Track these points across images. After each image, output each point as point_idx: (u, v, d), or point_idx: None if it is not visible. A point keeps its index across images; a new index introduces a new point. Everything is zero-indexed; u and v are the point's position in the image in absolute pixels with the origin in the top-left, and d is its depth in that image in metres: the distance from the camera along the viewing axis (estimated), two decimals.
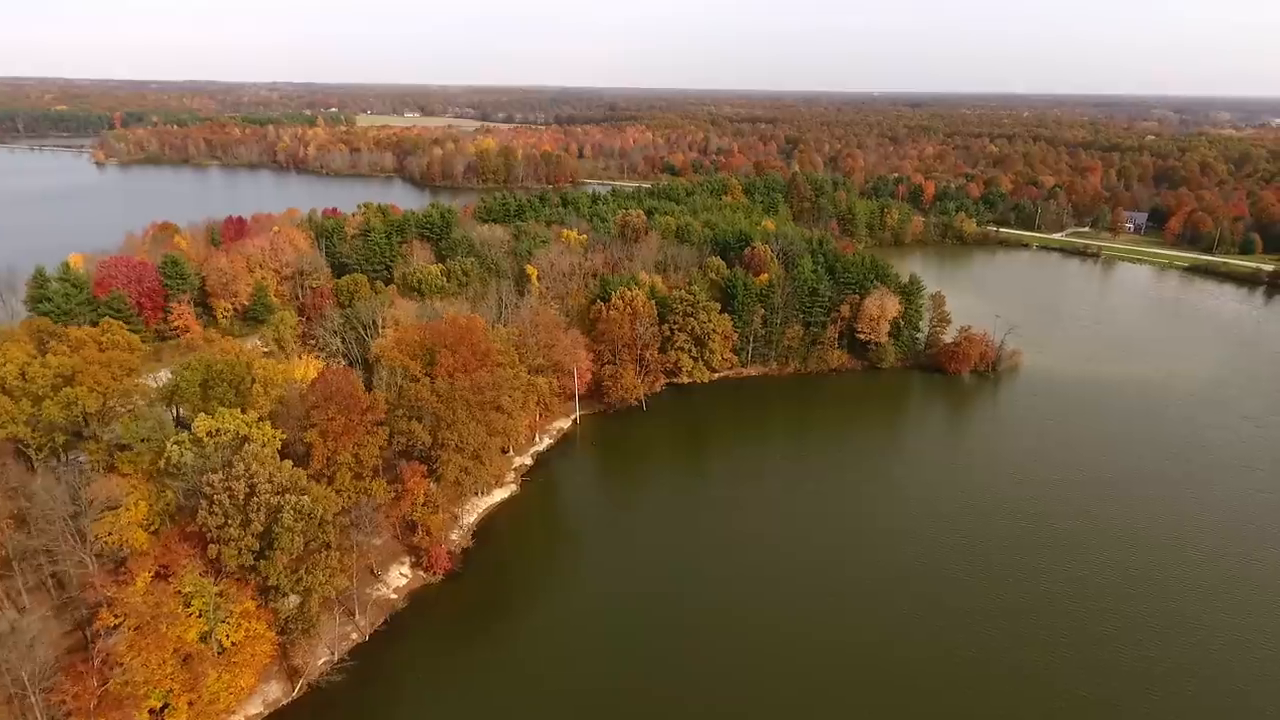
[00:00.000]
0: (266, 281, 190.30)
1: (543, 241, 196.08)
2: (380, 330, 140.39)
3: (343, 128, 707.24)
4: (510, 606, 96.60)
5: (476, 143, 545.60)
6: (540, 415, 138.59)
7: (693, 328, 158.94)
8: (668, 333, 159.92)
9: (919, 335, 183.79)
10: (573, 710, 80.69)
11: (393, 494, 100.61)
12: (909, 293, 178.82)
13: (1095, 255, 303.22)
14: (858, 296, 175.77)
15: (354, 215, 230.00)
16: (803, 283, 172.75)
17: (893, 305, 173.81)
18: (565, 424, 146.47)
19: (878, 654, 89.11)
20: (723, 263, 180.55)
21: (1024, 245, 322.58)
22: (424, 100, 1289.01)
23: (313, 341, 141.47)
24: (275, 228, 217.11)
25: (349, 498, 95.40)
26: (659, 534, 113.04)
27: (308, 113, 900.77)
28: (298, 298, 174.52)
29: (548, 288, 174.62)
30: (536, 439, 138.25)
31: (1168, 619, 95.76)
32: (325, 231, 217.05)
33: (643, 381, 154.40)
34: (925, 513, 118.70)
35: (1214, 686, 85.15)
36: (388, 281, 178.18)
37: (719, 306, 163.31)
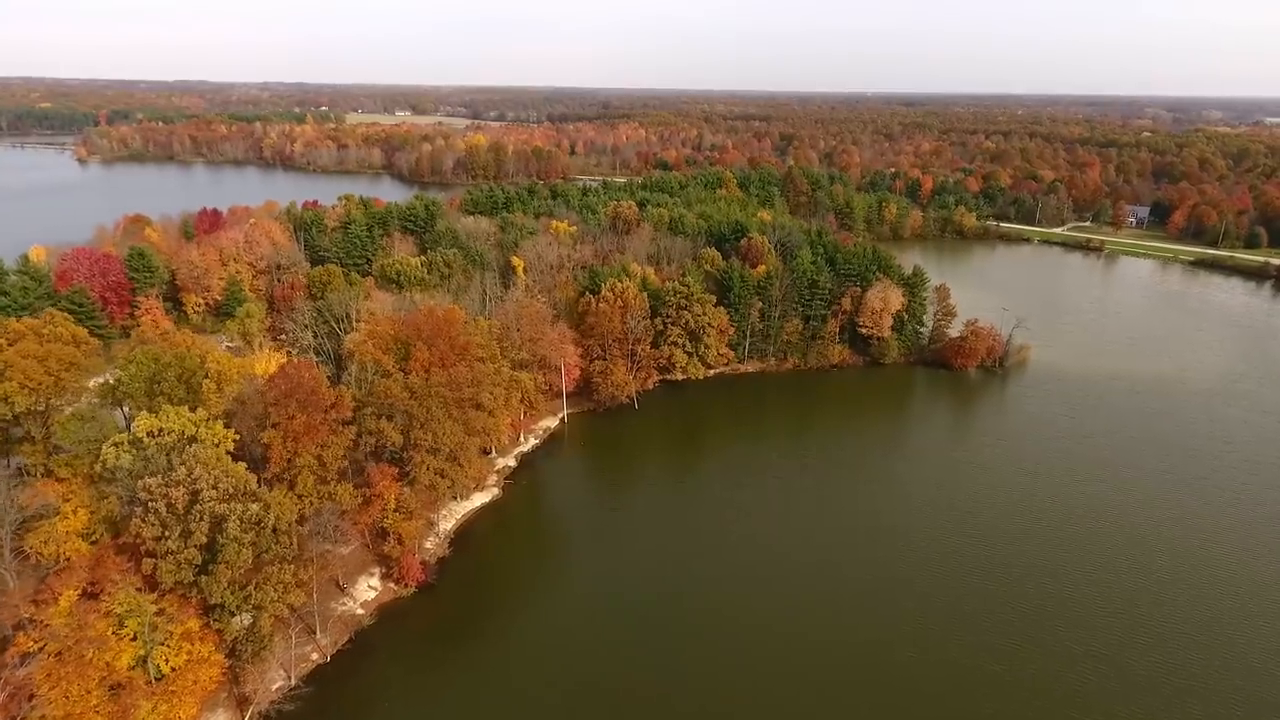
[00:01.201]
0: (240, 275, 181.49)
1: (530, 233, 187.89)
2: (355, 324, 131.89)
3: (331, 125, 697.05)
4: (490, 618, 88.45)
5: (466, 139, 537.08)
6: (525, 414, 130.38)
7: (687, 321, 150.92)
8: (660, 327, 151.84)
9: (923, 329, 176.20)
10: None
11: (360, 499, 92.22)
12: (913, 285, 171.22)
13: (1098, 249, 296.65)
14: (859, 289, 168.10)
15: (334, 208, 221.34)
16: (802, 274, 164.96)
17: (896, 298, 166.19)
18: (552, 423, 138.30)
19: (879, 656, 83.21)
20: (718, 254, 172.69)
21: (1025, 240, 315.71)
22: (415, 100, 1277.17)
23: (283, 336, 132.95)
24: (251, 220, 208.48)
25: (311, 503, 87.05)
26: (651, 537, 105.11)
27: (297, 110, 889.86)
28: (272, 292, 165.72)
29: (534, 280, 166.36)
30: (521, 439, 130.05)
31: (1199, 626, 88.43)
32: (304, 224, 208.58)
33: (634, 378, 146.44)
34: (931, 512, 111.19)
35: (1258, 697, 77.71)
36: (367, 275, 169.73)
37: (714, 299, 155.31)
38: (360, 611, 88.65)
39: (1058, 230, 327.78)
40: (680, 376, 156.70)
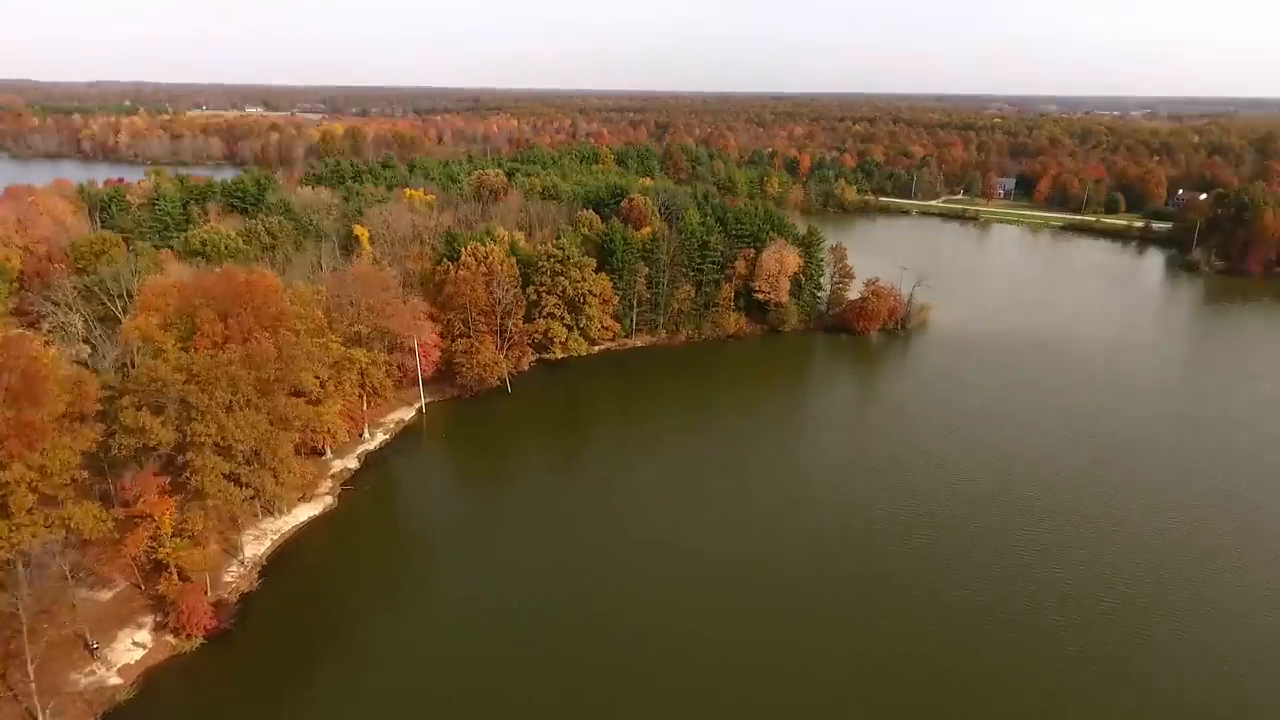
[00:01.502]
0: (10, 261, 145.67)
1: (379, 201, 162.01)
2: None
3: (166, 117, 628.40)
4: (308, 669, 65.15)
5: (321, 126, 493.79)
6: (369, 404, 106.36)
7: (564, 288, 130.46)
8: (534, 297, 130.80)
9: (821, 294, 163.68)
10: None
11: (115, 522, 66.48)
12: (809, 244, 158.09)
13: (974, 218, 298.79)
14: (753, 250, 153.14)
15: (140, 183, 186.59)
16: (690, 235, 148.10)
17: (792, 259, 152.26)
18: (407, 414, 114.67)
19: (795, 651, 67.58)
20: (596, 217, 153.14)
21: (904, 212, 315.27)
22: (268, 97, 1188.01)
23: (44, 322, 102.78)
24: (30, 198, 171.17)
25: (33, 533, 60.93)
26: (531, 541, 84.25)
27: (128, 104, 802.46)
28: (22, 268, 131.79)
29: (383, 252, 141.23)
30: (366, 435, 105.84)
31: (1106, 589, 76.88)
32: (101, 201, 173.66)
33: (506, 357, 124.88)
34: (845, 486, 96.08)
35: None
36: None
37: (595, 264, 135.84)
38: (116, 680, 63.05)
39: (934, 202, 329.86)
40: (560, 354, 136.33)
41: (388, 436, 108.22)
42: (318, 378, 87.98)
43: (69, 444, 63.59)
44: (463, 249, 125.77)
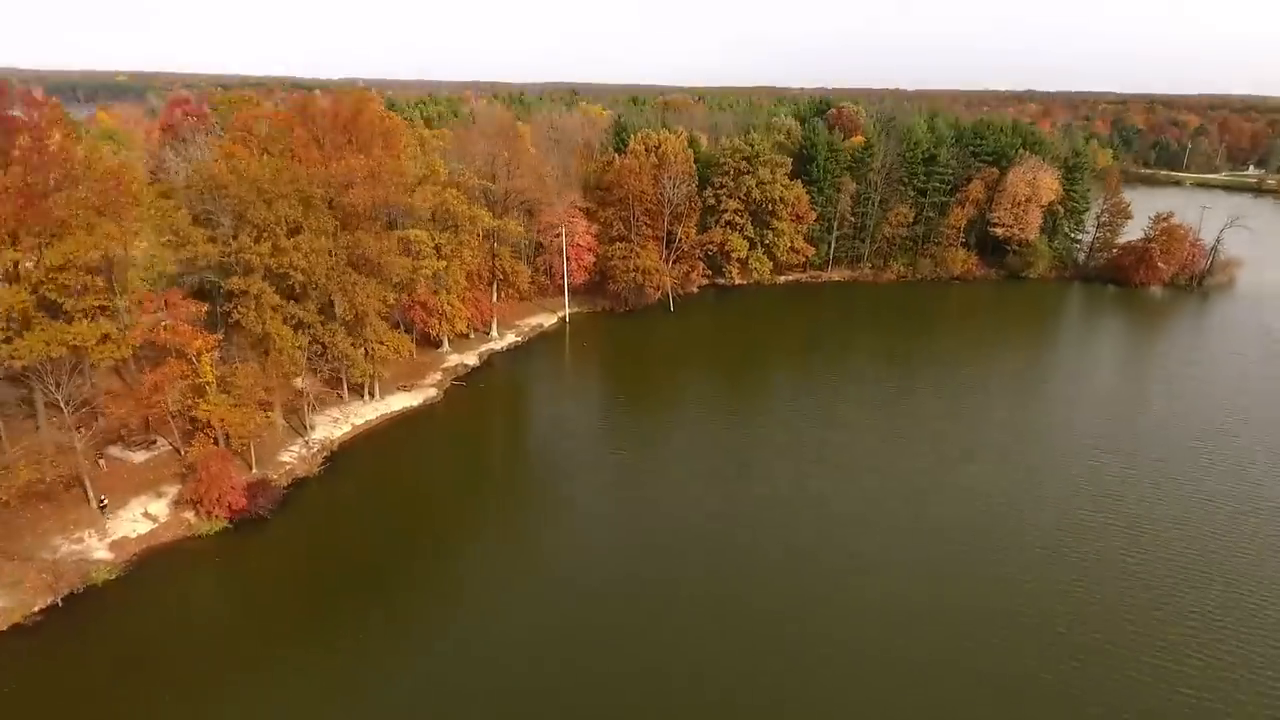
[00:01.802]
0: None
1: (551, 109, 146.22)
2: None
3: (390, 93, 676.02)
4: (334, 599, 45.98)
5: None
6: (499, 295, 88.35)
7: (748, 190, 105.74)
8: (711, 200, 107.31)
9: (1080, 238, 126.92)
10: None
11: (139, 358, 51.25)
12: (1073, 168, 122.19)
13: (1276, 190, 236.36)
14: (996, 171, 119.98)
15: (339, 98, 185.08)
16: (913, 146, 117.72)
17: (1050, 184, 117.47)
18: (547, 320, 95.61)
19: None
20: (796, 124, 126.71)
21: (1175, 183, 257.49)
22: (497, 90, 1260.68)
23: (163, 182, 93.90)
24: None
25: (30, 348, 46.52)
26: (669, 492, 60.90)
27: (361, 85, 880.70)
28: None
29: (545, 153, 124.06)
30: (494, 334, 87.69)
31: None
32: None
33: (671, 270, 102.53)
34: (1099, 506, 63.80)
35: None
36: None
37: (789, 167, 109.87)
38: (104, 555, 47.34)
39: (1214, 175, 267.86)
40: (737, 278, 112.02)
41: (519, 339, 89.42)
42: (432, 237, 70.33)
43: (84, 240, 48.60)
44: (631, 137, 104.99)
